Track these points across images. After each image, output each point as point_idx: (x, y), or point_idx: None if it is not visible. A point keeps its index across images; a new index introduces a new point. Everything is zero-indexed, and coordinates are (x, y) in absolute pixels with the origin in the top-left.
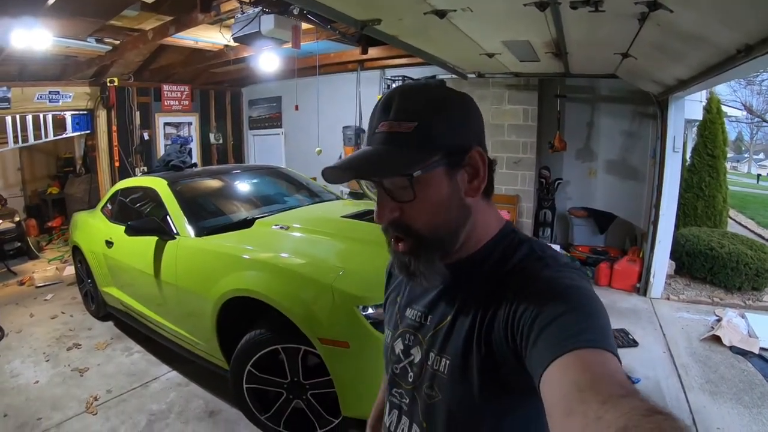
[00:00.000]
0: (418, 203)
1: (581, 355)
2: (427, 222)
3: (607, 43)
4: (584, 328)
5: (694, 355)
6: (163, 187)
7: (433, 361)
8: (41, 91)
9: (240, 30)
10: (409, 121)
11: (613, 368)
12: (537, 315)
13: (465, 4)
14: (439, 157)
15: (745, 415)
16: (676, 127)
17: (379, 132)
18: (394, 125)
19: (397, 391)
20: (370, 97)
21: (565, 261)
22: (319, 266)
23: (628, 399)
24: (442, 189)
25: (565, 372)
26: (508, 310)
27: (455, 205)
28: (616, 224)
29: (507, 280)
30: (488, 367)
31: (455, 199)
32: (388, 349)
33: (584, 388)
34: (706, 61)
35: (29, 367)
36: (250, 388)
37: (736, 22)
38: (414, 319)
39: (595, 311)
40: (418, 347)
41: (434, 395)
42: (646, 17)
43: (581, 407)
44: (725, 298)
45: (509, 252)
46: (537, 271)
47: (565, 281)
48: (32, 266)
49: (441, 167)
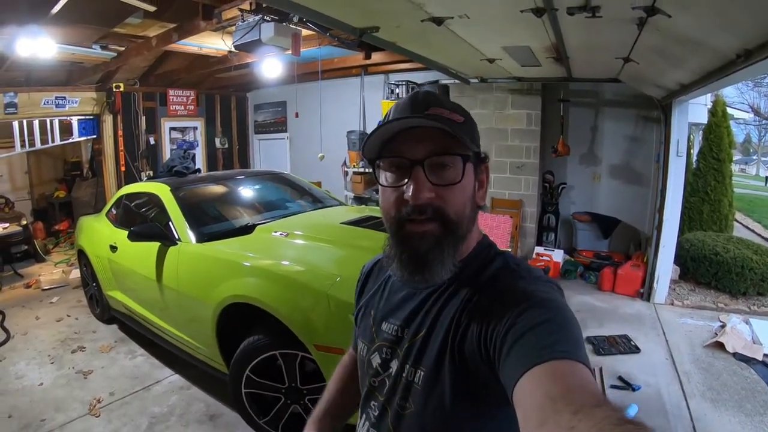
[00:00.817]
0: (458, 188)
1: (554, 366)
2: (459, 210)
3: (607, 47)
4: (557, 340)
5: (697, 361)
6: (165, 193)
7: (408, 373)
8: (48, 97)
9: (241, 38)
10: (460, 114)
11: (585, 379)
12: (510, 326)
13: (462, 11)
14: (473, 155)
15: (747, 423)
16: (679, 131)
17: (432, 114)
18: (446, 113)
19: (373, 404)
20: (373, 102)
21: (538, 274)
22: (316, 273)
23: (601, 409)
24: (471, 182)
25: (538, 383)
26: (481, 321)
27: (473, 204)
28: (620, 229)
29: (482, 291)
30: (461, 378)
31: (473, 199)
32: (364, 362)
33: (557, 399)
34: (706, 65)
35: (34, 369)
36: (249, 392)
37: (735, 27)
38: (391, 333)
39: (567, 323)
40: (396, 360)
41: (407, 407)
42: (645, 22)
43: (554, 417)
44: (730, 304)
45: (485, 264)
46: (510, 283)
47: (538, 294)
48: (39, 269)
49: (472, 164)
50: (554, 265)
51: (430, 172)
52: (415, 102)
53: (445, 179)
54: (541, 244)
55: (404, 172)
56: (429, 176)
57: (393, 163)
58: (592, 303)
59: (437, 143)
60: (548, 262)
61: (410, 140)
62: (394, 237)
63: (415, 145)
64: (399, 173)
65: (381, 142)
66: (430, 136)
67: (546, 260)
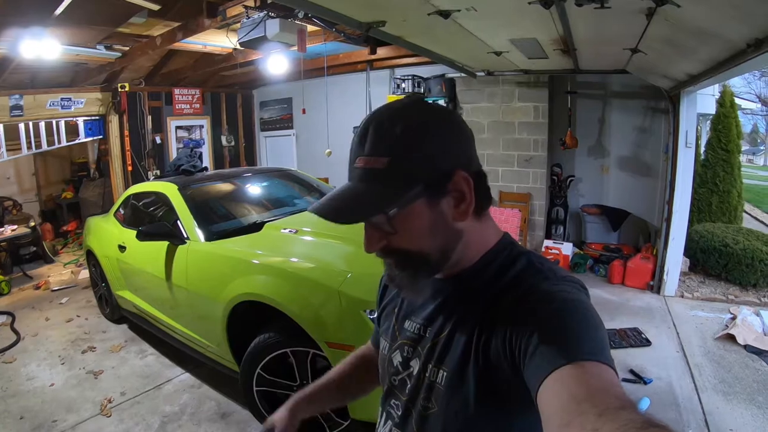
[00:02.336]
0: (400, 235)
1: (578, 368)
2: (413, 248)
3: (615, 39)
4: (581, 341)
5: (708, 354)
6: (173, 191)
7: (430, 373)
8: (53, 98)
9: (246, 35)
10: (383, 156)
11: (610, 380)
12: (534, 328)
13: (469, 4)
14: (419, 190)
15: (759, 416)
16: (688, 121)
17: (356, 167)
18: (369, 161)
19: (394, 403)
20: (380, 97)
21: (563, 274)
22: (327, 270)
23: (625, 412)
24: (423, 220)
25: (562, 384)
26: (506, 323)
27: (441, 232)
28: (629, 221)
29: (505, 293)
30: (485, 379)
31: (440, 226)
32: (385, 360)
33: (581, 401)
34: (716, 56)
35: (45, 370)
36: (260, 390)
37: (746, 16)
38: (413, 332)
39: (592, 324)
40: (417, 359)
41: (430, 407)
42: (654, 12)
43: (578, 419)
44: (740, 296)
45: (508, 265)
46: (535, 284)
47: (563, 294)
48: (48, 270)
49: (421, 199)
50: (563, 258)
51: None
52: (352, 149)
53: (385, 229)
54: (550, 237)
55: None
56: (377, 225)
57: None
58: (602, 296)
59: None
60: (557, 256)
61: None
62: None
63: None
64: None
65: None
66: None
67: (555, 253)
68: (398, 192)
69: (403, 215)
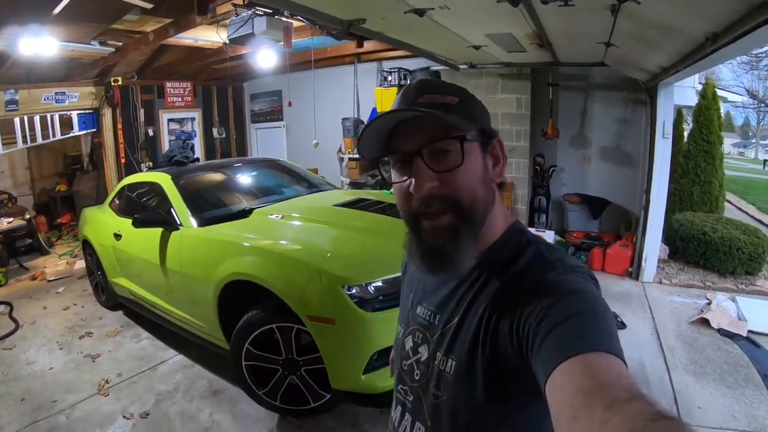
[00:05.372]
0: (461, 171)
1: (587, 359)
2: (469, 193)
3: (587, 33)
4: (589, 332)
5: (682, 337)
6: (167, 181)
7: (439, 361)
8: (48, 93)
9: (235, 31)
10: (454, 95)
11: (619, 372)
12: (542, 318)
13: (442, 3)
14: (477, 133)
15: (728, 395)
16: (665, 113)
17: (422, 101)
18: (438, 98)
19: (402, 388)
20: (367, 89)
21: (572, 264)
22: (309, 250)
23: (634, 403)
24: (478, 162)
25: (570, 376)
26: (514, 312)
27: (487, 184)
28: (610, 210)
29: (514, 282)
30: (493, 369)
31: (486, 177)
32: (399, 345)
33: (590, 392)
34: (680, 49)
35: (44, 355)
36: (249, 365)
37: (701, 12)
38: (424, 318)
39: (600, 314)
40: (426, 346)
41: (440, 395)
42: (618, 9)
43: (587, 411)
44: (718, 282)
45: (517, 253)
46: (544, 273)
47: (572, 284)
48: (43, 261)
49: (478, 142)
50: None
51: (431, 160)
52: (406, 94)
53: (446, 165)
54: (532, 226)
55: (407, 166)
56: (430, 165)
57: (395, 159)
58: None
59: (433, 130)
60: None
61: (407, 133)
62: (411, 232)
63: (412, 137)
64: (403, 168)
65: (378, 140)
66: (425, 125)
67: None
68: (468, 125)
69: (468, 148)
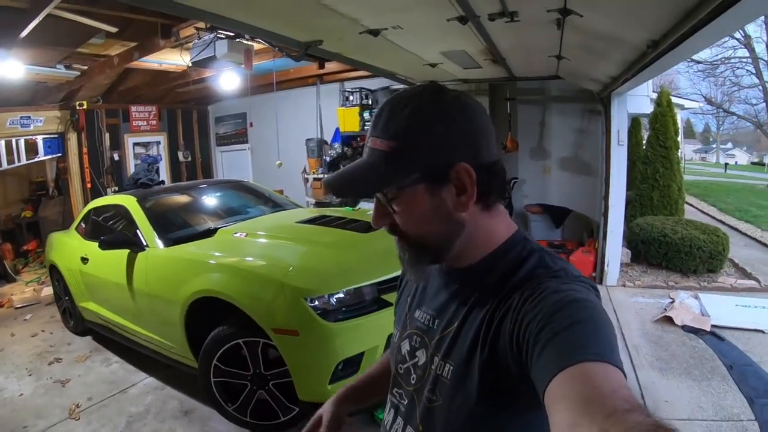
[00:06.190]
0: (401, 215)
1: (586, 369)
2: (413, 231)
3: (538, 47)
4: (590, 342)
5: (646, 335)
6: (132, 203)
7: (437, 366)
8: (13, 117)
9: (198, 54)
10: (390, 140)
11: (618, 382)
12: (543, 326)
13: (394, 23)
14: (419, 176)
15: (695, 387)
16: (619, 121)
17: (368, 146)
18: (377, 142)
19: (397, 391)
20: (330, 109)
21: (575, 273)
22: (272, 265)
23: (634, 413)
24: (422, 205)
25: (570, 385)
26: (514, 320)
27: (441, 220)
28: (573, 218)
29: (515, 290)
30: (491, 375)
31: (440, 214)
32: (394, 348)
33: (589, 402)
34: (625, 57)
35: (13, 381)
36: (218, 381)
37: (639, 21)
38: (422, 322)
39: (600, 324)
40: (424, 350)
41: (435, 399)
42: (563, 23)
43: (586, 421)
44: (681, 282)
45: (519, 261)
46: (545, 282)
47: (573, 294)
48: (10, 289)
49: (421, 184)
50: None
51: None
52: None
53: (389, 207)
54: None
55: None
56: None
57: None
58: None
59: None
60: None
61: None
62: None
63: None
64: None
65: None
66: None
67: None
68: (398, 175)
69: (403, 198)
